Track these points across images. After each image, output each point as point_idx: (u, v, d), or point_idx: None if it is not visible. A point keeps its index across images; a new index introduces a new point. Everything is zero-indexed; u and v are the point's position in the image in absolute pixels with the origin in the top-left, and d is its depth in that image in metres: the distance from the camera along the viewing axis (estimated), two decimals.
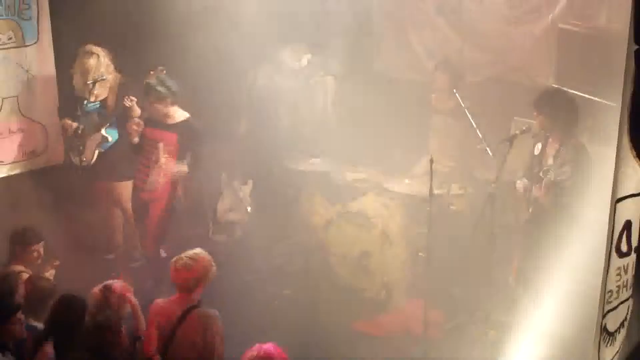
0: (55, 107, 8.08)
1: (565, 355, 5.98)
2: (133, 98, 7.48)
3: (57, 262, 6.51)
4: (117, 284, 5.62)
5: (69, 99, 7.84)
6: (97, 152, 7.71)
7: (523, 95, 7.04)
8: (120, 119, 7.64)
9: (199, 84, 8.34)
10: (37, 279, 6.02)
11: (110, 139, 7.72)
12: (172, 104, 7.30)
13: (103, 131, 7.69)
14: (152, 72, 7.46)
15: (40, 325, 5.54)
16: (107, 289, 5.52)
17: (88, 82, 7.56)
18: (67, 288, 5.74)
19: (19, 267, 6.31)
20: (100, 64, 7.60)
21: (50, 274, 6.40)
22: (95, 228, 8.09)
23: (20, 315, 5.24)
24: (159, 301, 5.65)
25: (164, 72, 7.41)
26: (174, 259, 5.59)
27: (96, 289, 5.55)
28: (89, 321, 5.35)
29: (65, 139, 7.93)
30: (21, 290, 5.76)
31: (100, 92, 7.69)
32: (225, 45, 8.32)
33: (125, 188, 7.84)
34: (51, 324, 5.36)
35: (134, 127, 7.27)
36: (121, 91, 7.63)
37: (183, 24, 8.17)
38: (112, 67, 7.69)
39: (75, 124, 7.62)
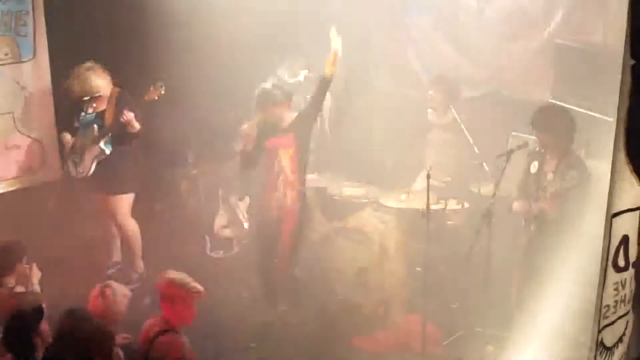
0: (51, 123, 8.08)
1: None
2: (130, 112, 7.46)
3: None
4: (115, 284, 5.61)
5: (67, 112, 7.82)
6: (94, 164, 7.62)
7: (520, 110, 7.04)
8: (116, 133, 7.58)
9: (197, 100, 8.36)
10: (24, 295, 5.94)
11: (107, 152, 7.62)
12: (289, 106, 7.12)
13: (101, 144, 7.58)
14: (152, 89, 7.45)
15: None
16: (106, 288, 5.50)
17: (84, 99, 7.55)
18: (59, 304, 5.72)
19: (11, 281, 6.24)
20: (98, 79, 7.55)
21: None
22: (91, 244, 8.08)
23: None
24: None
25: (163, 88, 7.40)
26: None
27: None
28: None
29: (64, 151, 7.83)
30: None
31: (99, 104, 7.63)
32: (224, 62, 8.36)
33: (121, 202, 7.78)
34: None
35: (247, 131, 7.07)
36: (120, 105, 7.55)
37: (182, 40, 8.20)
38: (110, 81, 7.64)
39: (71, 139, 7.61)
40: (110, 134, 7.59)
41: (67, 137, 7.67)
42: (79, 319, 5.16)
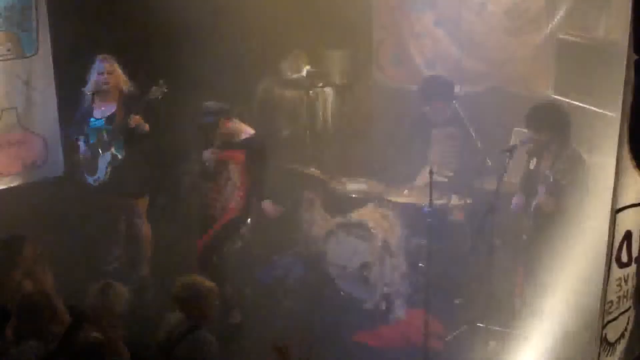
0: (55, 119, 8.07)
1: None
2: (136, 116, 7.36)
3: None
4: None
5: (70, 107, 7.78)
6: (109, 170, 7.51)
7: (522, 105, 7.02)
8: (126, 136, 7.47)
9: (199, 95, 8.36)
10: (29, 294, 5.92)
11: (120, 157, 7.49)
12: (229, 120, 7.11)
13: (113, 150, 7.46)
14: (154, 88, 7.41)
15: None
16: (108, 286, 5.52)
17: (88, 93, 7.52)
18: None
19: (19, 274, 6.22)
20: (118, 74, 7.52)
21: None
22: (94, 240, 8.08)
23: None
24: None
25: (165, 87, 7.37)
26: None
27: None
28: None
29: (79, 159, 7.67)
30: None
31: (107, 108, 7.53)
32: (227, 58, 8.36)
33: (138, 205, 7.72)
34: None
35: (211, 157, 7.11)
36: (127, 105, 7.45)
37: (185, 35, 8.20)
38: (120, 77, 7.51)
39: (82, 146, 7.55)
40: (121, 138, 7.47)
41: (82, 146, 7.53)
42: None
